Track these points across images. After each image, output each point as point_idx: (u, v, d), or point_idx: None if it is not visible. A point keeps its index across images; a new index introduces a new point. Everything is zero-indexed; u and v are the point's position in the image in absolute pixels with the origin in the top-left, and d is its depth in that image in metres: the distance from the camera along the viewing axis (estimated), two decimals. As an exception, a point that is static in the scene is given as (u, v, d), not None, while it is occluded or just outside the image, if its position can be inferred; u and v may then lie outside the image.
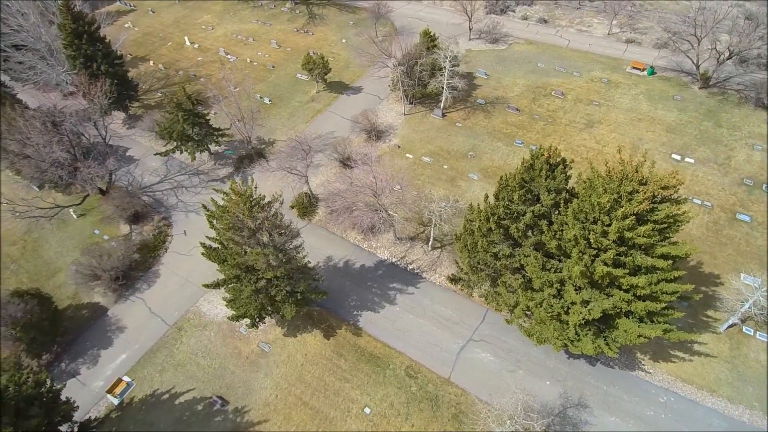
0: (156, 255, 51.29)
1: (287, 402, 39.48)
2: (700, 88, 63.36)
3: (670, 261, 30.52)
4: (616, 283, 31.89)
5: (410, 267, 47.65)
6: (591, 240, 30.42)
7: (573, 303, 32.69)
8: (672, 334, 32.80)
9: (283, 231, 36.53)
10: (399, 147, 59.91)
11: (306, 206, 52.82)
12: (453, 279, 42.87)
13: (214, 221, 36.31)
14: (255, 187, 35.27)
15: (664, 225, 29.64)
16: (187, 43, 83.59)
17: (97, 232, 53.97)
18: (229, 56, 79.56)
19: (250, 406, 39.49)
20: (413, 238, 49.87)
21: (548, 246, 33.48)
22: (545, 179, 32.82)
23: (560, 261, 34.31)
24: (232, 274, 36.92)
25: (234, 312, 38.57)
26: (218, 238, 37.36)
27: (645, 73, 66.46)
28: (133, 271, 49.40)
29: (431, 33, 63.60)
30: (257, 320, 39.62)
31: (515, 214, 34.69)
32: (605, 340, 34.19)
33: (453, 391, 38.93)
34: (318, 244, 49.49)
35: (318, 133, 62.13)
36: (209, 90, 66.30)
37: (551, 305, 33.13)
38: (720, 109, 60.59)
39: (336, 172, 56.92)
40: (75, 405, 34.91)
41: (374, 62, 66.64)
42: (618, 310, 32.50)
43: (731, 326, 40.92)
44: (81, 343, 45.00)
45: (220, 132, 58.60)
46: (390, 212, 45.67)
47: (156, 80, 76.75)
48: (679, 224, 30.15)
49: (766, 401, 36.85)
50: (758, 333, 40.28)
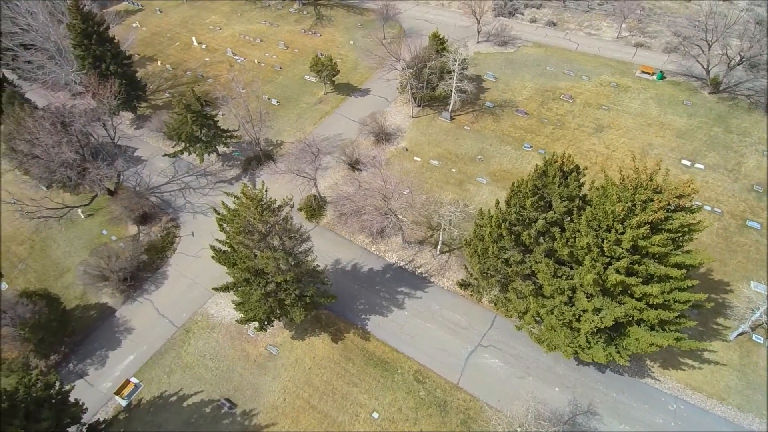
0: (164, 256, 51.29)
1: (295, 405, 39.43)
2: (710, 93, 62.99)
3: (684, 270, 30.34)
4: (629, 292, 31.76)
5: (418, 271, 47.53)
6: (604, 248, 30.27)
7: (585, 311, 32.56)
8: (683, 343, 32.65)
9: (294, 235, 36.48)
10: (407, 150, 59.77)
11: (314, 209, 52.75)
12: (462, 284, 42.74)
13: (225, 225, 36.31)
14: (266, 191, 35.22)
15: (678, 234, 29.48)
16: (195, 44, 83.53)
17: (105, 233, 54.01)
18: (237, 57, 79.50)
19: (258, 409, 39.45)
20: (421, 242, 49.72)
21: (560, 253, 33.32)
22: (558, 186, 32.65)
23: (571, 268, 34.17)
24: (242, 278, 36.85)
25: (243, 315, 38.50)
26: (228, 242, 37.32)
27: (654, 78, 66.11)
28: (141, 272, 49.43)
29: (441, 36, 63.41)
30: (266, 323, 39.61)
31: (527, 221, 34.53)
32: (616, 348, 34.05)
33: (462, 397, 38.81)
34: (326, 247, 49.40)
35: (326, 135, 62.00)
36: (217, 91, 66.37)
37: (563, 312, 33.01)
38: (730, 115, 60.22)
39: (344, 175, 56.82)
40: (84, 407, 34.90)
41: (382, 64, 66.36)
42: (629, 318, 32.39)
43: (741, 334, 40.69)
44: (89, 344, 45.08)
45: (229, 133, 58.52)
46: (399, 216, 45.54)
47: (164, 80, 76.76)
48: (694, 233, 29.99)
49: (767, 406, 36.92)
50: (768, 341, 40.11)
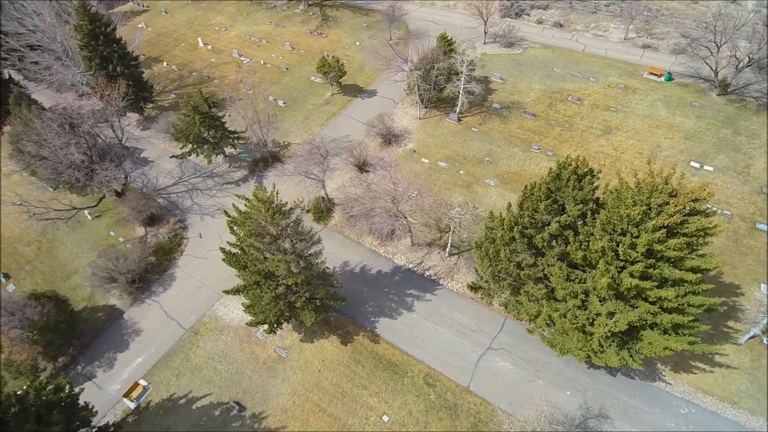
0: (172, 258, 51.19)
1: (305, 408, 39.29)
2: (719, 95, 62.71)
3: (699, 274, 30.15)
4: (643, 295, 31.56)
5: (427, 273, 47.36)
6: (619, 252, 30.08)
7: (598, 314, 32.37)
8: (697, 347, 32.46)
9: (305, 238, 36.34)
10: (414, 151, 59.61)
11: (322, 210, 52.62)
12: (473, 287, 42.53)
13: (235, 227, 36.18)
14: (276, 194, 35.08)
15: (694, 238, 29.29)
16: (201, 45, 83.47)
17: (113, 234, 53.92)
18: (243, 58, 79.44)
19: (268, 412, 39.32)
20: (430, 244, 49.54)
21: (573, 256, 33.14)
22: (572, 189, 32.46)
23: (584, 272, 33.97)
24: (252, 280, 36.72)
25: (253, 318, 38.34)
26: (239, 244, 37.20)
27: (662, 79, 65.83)
28: (149, 274, 49.33)
29: (448, 37, 63.25)
30: (275, 326, 39.47)
31: (540, 224, 34.35)
32: (629, 352, 33.85)
33: (472, 400, 38.63)
34: (334, 249, 49.24)
35: (333, 137, 61.88)
36: (223, 92, 66.28)
37: (576, 316, 32.82)
38: (739, 117, 59.93)
39: (352, 176, 56.65)
40: (94, 410, 34.75)
41: (389, 65, 66.29)
42: (643, 322, 32.20)
43: (752, 337, 40.46)
44: (97, 346, 45.01)
45: (236, 135, 58.41)
46: (409, 218, 45.38)
47: (170, 81, 76.72)
48: (709, 237, 29.80)
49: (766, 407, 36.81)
50: (780, 345, 39.85)
